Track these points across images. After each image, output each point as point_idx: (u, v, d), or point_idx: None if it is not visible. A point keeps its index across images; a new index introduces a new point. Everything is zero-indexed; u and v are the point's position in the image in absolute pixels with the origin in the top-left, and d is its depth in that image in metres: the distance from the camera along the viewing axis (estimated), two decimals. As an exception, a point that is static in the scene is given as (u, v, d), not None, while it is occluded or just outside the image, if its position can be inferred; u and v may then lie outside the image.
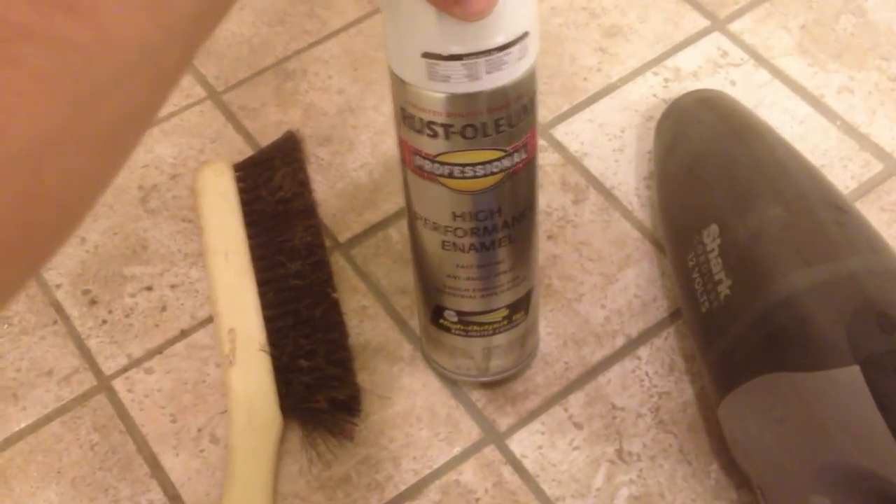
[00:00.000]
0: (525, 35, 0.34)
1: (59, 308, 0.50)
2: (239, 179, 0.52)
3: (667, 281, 0.49)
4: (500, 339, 0.44)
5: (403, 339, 0.48)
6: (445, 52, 0.33)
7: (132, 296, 0.50)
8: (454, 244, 0.39)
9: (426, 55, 0.33)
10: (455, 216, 0.38)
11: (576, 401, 0.46)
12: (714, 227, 0.43)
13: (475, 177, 0.37)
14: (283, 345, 0.46)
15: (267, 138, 0.55)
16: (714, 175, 0.45)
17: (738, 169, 0.45)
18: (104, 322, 0.49)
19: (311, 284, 0.48)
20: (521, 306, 0.43)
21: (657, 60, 0.57)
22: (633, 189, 0.52)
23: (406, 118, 0.36)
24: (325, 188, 0.53)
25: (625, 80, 0.57)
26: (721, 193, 0.44)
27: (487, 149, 0.36)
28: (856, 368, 0.35)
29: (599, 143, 0.54)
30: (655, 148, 0.51)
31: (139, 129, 0.24)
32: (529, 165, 0.38)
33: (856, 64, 0.57)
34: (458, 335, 0.43)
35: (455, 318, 0.43)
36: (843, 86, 0.56)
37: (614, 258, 0.50)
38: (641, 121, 0.55)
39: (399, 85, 0.36)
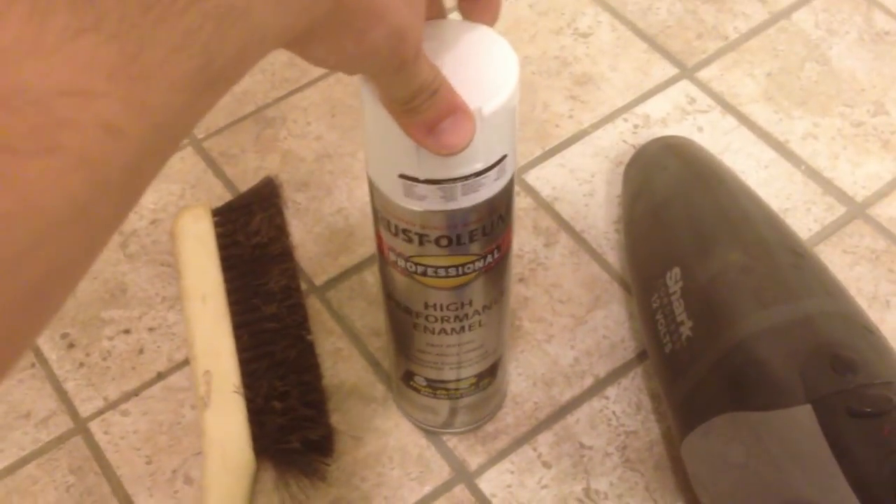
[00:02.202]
0: (503, 158, 0.34)
1: (37, 352, 0.51)
2: (217, 224, 0.53)
3: (634, 322, 0.50)
4: (467, 401, 0.45)
5: (377, 381, 0.49)
6: (422, 177, 0.33)
7: (110, 339, 0.51)
8: (425, 327, 0.40)
9: (403, 176, 0.33)
10: (427, 305, 0.39)
11: (545, 440, 0.47)
12: (677, 271, 0.44)
13: (448, 276, 0.37)
14: (257, 387, 0.47)
15: (246, 184, 0.56)
16: (677, 220, 0.47)
17: (700, 214, 0.46)
18: (82, 365, 0.50)
19: (286, 327, 0.49)
20: (489, 373, 0.44)
21: (627, 107, 0.59)
22: (602, 233, 0.54)
23: (381, 220, 0.36)
24: (302, 232, 0.54)
25: (595, 127, 0.58)
26: (683, 238, 0.46)
27: (462, 254, 0.36)
28: (808, 408, 0.36)
29: (570, 188, 0.56)
30: (623, 193, 0.52)
31: (70, 282, 0.21)
32: (502, 261, 0.39)
33: (820, 110, 0.58)
34: (427, 396, 0.44)
35: (424, 383, 0.44)
36: (807, 132, 0.57)
37: (584, 300, 0.51)
38: (611, 166, 0.56)
39: (376, 191, 0.36)
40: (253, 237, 0.52)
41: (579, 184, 0.56)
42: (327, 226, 0.55)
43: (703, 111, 0.59)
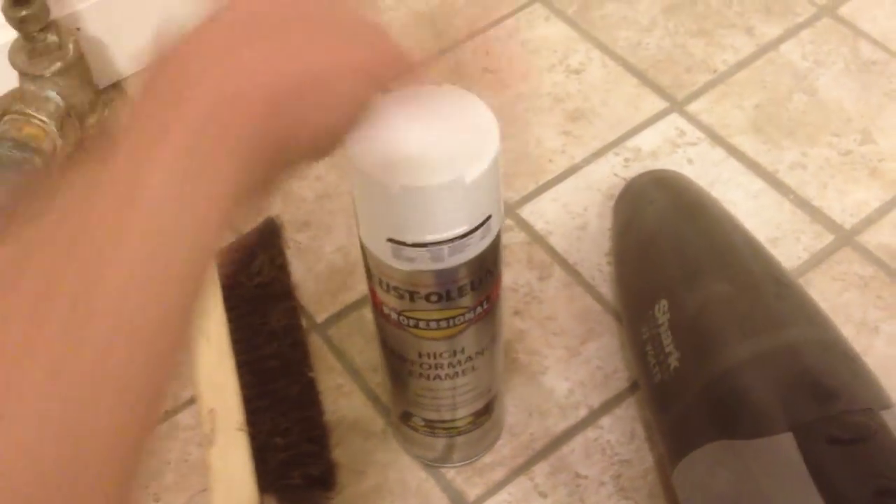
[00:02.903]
0: (488, 218, 0.35)
1: (49, 392, 0.52)
2: (220, 265, 0.54)
3: (627, 353, 0.51)
4: (465, 438, 0.46)
5: (377, 415, 0.50)
6: (409, 241, 0.34)
7: (118, 379, 0.52)
8: (420, 374, 0.42)
9: (391, 240, 0.34)
10: (421, 354, 0.40)
11: (541, 470, 0.48)
12: (664, 302, 0.45)
13: (439, 328, 0.38)
14: (260, 423, 0.49)
15: (248, 225, 0.57)
16: (664, 253, 0.48)
17: (686, 247, 0.47)
18: (91, 405, 0.51)
19: (287, 364, 0.51)
20: (485, 411, 0.45)
21: (618, 141, 0.60)
22: (595, 265, 0.55)
23: (373, 277, 0.38)
24: (303, 271, 0.56)
25: (587, 161, 0.60)
26: (670, 270, 0.47)
27: (452, 308, 0.38)
28: (790, 435, 0.37)
29: (563, 222, 0.57)
30: (613, 226, 0.54)
31: None
32: (492, 310, 0.40)
33: (808, 140, 0.60)
34: (425, 435, 0.46)
35: (422, 423, 0.45)
36: (795, 161, 0.59)
37: (577, 332, 0.52)
38: (603, 199, 0.58)
39: (367, 251, 0.37)
40: (255, 277, 0.53)
41: (572, 217, 0.57)
42: (328, 264, 0.56)
43: (692, 143, 0.60)
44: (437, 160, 0.33)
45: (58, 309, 0.22)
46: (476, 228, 0.34)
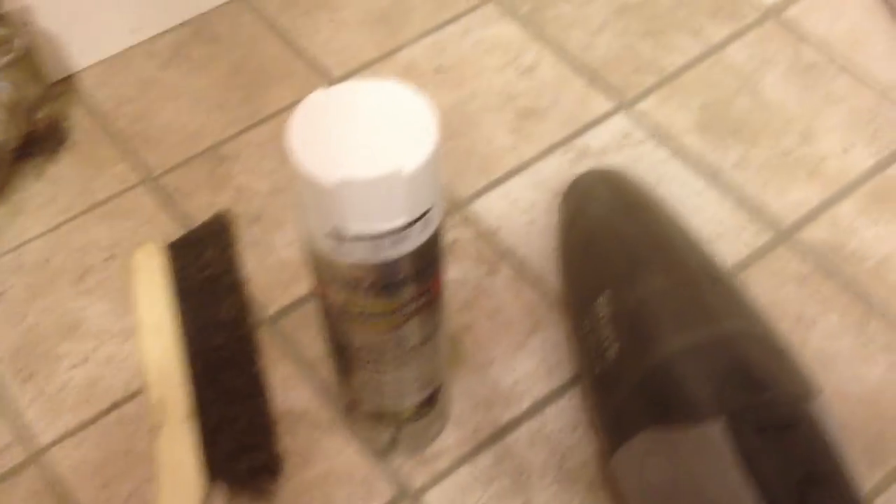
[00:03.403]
0: (428, 210, 0.35)
1: (-3, 383, 0.52)
2: (171, 259, 0.55)
3: (571, 345, 0.52)
4: (409, 428, 0.47)
5: (325, 405, 0.51)
6: (349, 234, 0.34)
7: (67, 371, 0.53)
8: (364, 365, 0.42)
9: (331, 233, 0.35)
10: (363, 346, 0.41)
11: (485, 459, 0.49)
12: (605, 296, 0.47)
13: (382, 320, 0.39)
14: (208, 413, 0.49)
15: (200, 219, 0.58)
16: (607, 247, 0.49)
17: (627, 242, 0.48)
18: (39, 396, 0.52)
19: (236, 355, 0.51)
20: (429, 402, 0.46)
21: (567, 139, 0.62)
22: (542, 260, 0.56)
23: (315, 269, 0.38)
24: (255, 264, 0.56)
25: (537, 159, 0.61)
26: (612, 264, 0.48)
27: (393, 300, 0.38)
28: (721, 423, 0.39)
29: (512, 218, 0.58)
30: (559, 222, 0.55)
31: None
32: (434, 301, 0.40)
33: (750, 140, 0.61)
34: (371, 425, 0.46)
35: (367, 413, 0.46)
36: (738, 160, 0.60)
37: (523, 325, 0.53)
38: (551, 196, 0.59)
39: (307, 243, 0.37)
40: (204, 270, 0.54)
41: (520, 213, 0.58)
42: (279, 258, 0.57)
43: (639, 142, 0.61)
44: (376, 153, 0.34)
45: None
46: (416, 221, 0.35)
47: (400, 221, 0.35)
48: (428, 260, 0.38)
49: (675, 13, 0.68)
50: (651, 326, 0.44)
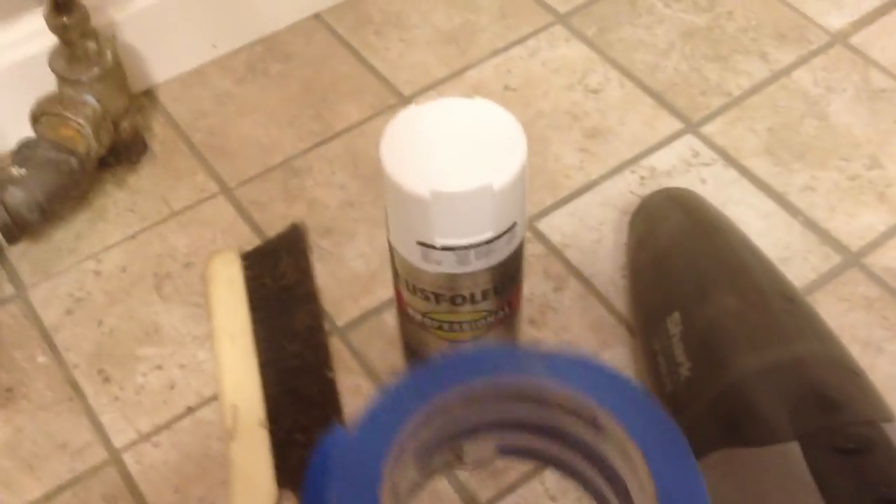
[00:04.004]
0: (513, 225, 0.36)
1: (75, 385, 0.54)
2: (246, 268, 0.56)
3: (638, 364, 0.53)
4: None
5: (393, 417, 0.52)
6: (438, 245, 0.36)
7: (143, 375, 0.54)
8: None
9: (420, 243, 0.36)
10: (442, 354, 0.42)
11: (551, 475, 0.49)
12: (676, 315, 0.47)
13: (462, 331, 0.40)
14: (281, 421, 0.50)
15: (274, 230, 0.59)
16: (678, 267, 0.49)
17: (699, 262, 0.49)
18: (116, 399, 0.53)
19: (309, 364, 0.52)
20: None
21: (634, 160, 0.62)
22: (609, 278, 0.57)
23: (401, 279, 0.39)
24: (325, 276, 0.58)
25: (604, 178, 0.61)
26: (683, 284, 0.48)
27: (475, 311, 0.39)
28: (795, 444, 0.39)
29: (579, 236, 0.59)
30: (628, 241, 0.55)
31: None
32: (513, 314, 0.41)
33: (818, 164, 0.61)
34: None
35: None
36: (805, 184, 0.60)
37: (591, 342, 0.54)
38: (619, 215, 0.59)
39: (396, 254, 0.38)
40: (280, 280, 0.55)
41: (588, 231, 0.59)
42: (349, 270, 0.58)
43: (706, 164, 0.62)
44: (467, 167, 0.35)
45: None
46: (502, 234, 0.36)
47: (487, 235, 0.36)
48: (510, 274, 0.39)
49: (742, 37, 0.69)
50: (724, 347, 0.44)
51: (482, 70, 0.68)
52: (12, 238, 0.55)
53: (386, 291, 0.57)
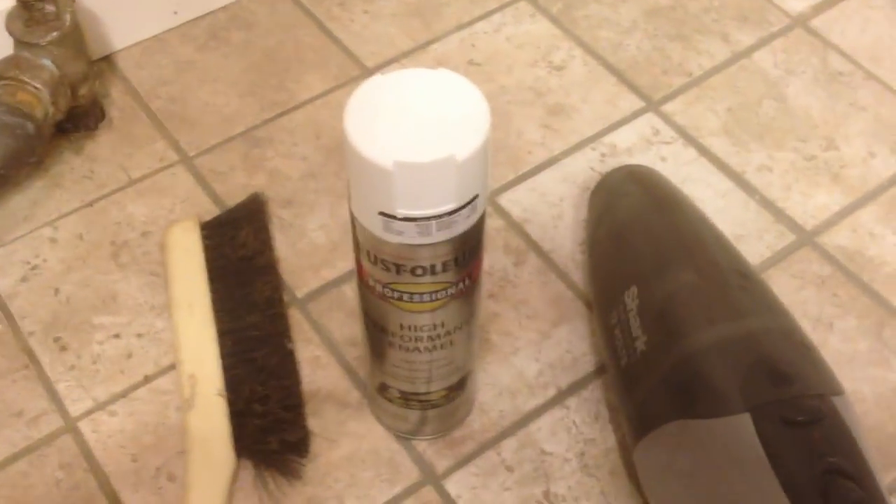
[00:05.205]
0: (475, 197, 0.36)
1: (30, 353, 0.53)
2: (205, 237, 0.56)
3: (595, 337, 0.53)
4: (437, 411, 0.48)
5: (352, 388, 0.52)
6: (399, 215, 0.36)
7: (100, 343, 0.54)
8: (399, 346, 0.43)
9: (382, 214, 0.36)
10: (402, 326, 0.42)
11: (508, 446, 0.50)
12: (634, 289, 0.48)
13: (422, 301, 0.40)
14: (239, 390, 0.50)
15: (234, 200, 0.59)
16: (636, 242, 0.50)
17: (657, 238, 0.49)
18: (73, 367, 0.53)
19: (268, 335, 0.52)
20: (459, 386, 0.47)
21: (595, 137, 0.63)
22: (568, 253, 0.57)
23: (362, 249, 0.39)
24: (285, 247, 0.57)
25: (565, 154, 0.62)
26: (641, 259, 0.49)
27: (435, 282, 0.39)
28: (746, 416, 0.40)
29: (540, 211, 0.59)
30: (588, 217, 0.56)
31: None
32: (473, 287, 0.42)
33: (775, 144, 0.62)
34: (399, 406, 0.48)
35: (397, 394, 0.47)
36: (762, 164, 0.61)
37: (549, 316, 0.55)
38: (579, 191, 0.60)
39: (357, 224, 0.38)
40: (239, 250, 0.55)
41: (548, 207, 0.59)
42: (310, 241, 0.58)
43: (666, 142, 0.62)
44: (430, 138, 0.35)
45: None
46: (464, 206, 0.36)
47: (449, 206, 0.36)
48: (471, 245, 0.39)
49: (704, 18, 0.69)
50: (679, 320, 0.45)
51: (446, 44, 0.68)
52: (-34, 203, 0.54)
53: (346, 263, 0.57)
